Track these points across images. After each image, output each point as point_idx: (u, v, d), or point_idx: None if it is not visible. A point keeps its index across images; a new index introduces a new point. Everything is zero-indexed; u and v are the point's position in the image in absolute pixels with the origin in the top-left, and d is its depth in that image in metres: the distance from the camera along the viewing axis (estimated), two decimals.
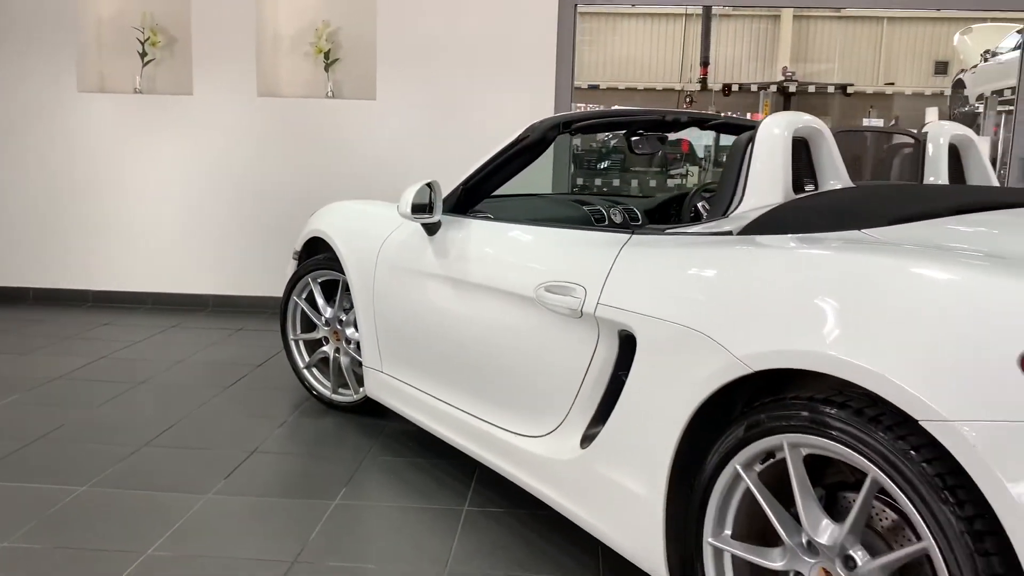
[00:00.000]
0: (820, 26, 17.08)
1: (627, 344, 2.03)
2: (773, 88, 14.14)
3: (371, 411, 3.46)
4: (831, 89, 14.03)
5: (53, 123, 5.58)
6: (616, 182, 8.27)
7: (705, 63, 13.34)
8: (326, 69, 5.60)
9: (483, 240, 2.63)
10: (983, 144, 2.61)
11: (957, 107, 9.93)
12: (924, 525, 1.36)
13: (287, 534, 2.45)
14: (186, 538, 2.41)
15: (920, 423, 1.36)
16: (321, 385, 3.62)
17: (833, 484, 1.65)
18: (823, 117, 11.30)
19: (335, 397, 3.56)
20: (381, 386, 3.12)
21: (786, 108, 13.45)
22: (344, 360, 3.48)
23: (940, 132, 2.52)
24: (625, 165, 8.57)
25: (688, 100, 15.23)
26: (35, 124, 5.59)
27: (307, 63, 5.69)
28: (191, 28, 5.48)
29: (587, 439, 2.15)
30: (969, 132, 2.57)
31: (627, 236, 2.15)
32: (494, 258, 2.55)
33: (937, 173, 2.49)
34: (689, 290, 1.86)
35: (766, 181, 2.09)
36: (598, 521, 2.09)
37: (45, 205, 5.66)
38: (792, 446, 1.59)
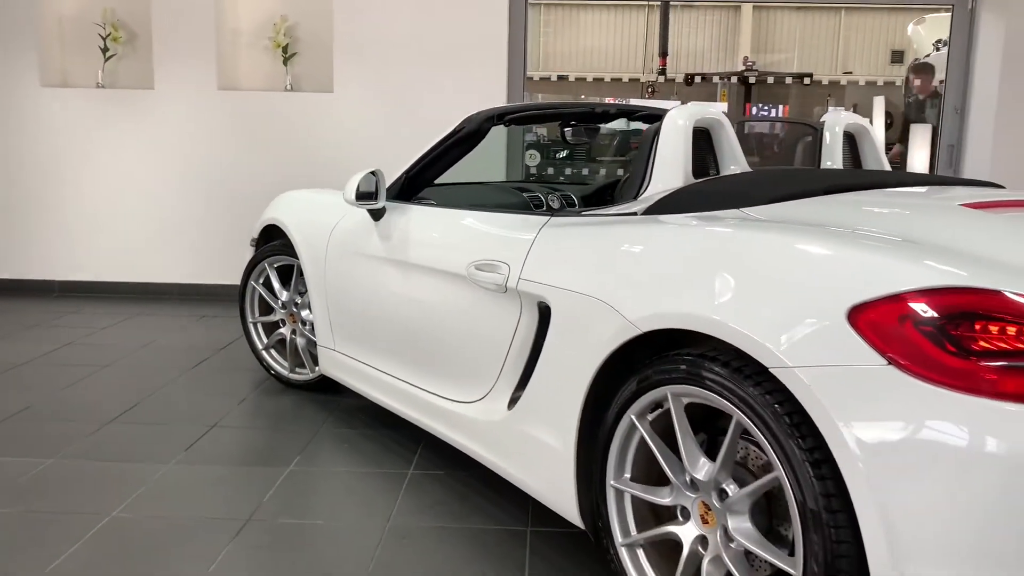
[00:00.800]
0: (780, 16, 17.37)
1: (545, 314, 2.25)
2: (734, 79, 14.39)
3: (326, 388, 3.67)
4: (788, 80, 14.30)
5: (16, 117, 5.71)
6: (585, 171, 8.48)
7: (664, 54, 13.56)
8: (284, 63, 5.77)
9: (423, 224, 2.85)
10: (879, 132, 2.87)
11: (912, 95, 10.25)
12: (776, 457, 1.61)
13: (243, 497, 2.66)
14: (147, 502, 2.61)
15: (770, 370, 1.60)
16: (279, 365, 3.82)
17: (716, 430, 1.89)
18: (781, 105, 11.52)
19: (292, 376, 3.76)
20: (334, 363, 3.33)
21: (747, 98, 13.73)
22: (300, 341, 3.68)
23: (836, 121, 2.77)
24: (591, 155, 8.82)
25: (650, 90, 15.51)
26: None
27: (266, 57, 5.86)
28: (151, 24, 5.62)
29: (513, 402, 2.37)
30: (863, 121, 2.82)
31: (546, 219, 2.38)
32: (432, 241, 2.77)
33: (833, 158, 2.75)
34: (593, 264, 2.09)
35: (670, 167, 2.33)
36: (522, 474, 2.32)
37: (9, 197, 5.79)
38: (674, 396, 1.82)
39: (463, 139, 2.93)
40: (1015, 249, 1.67)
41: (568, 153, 8.77)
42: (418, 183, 3.08)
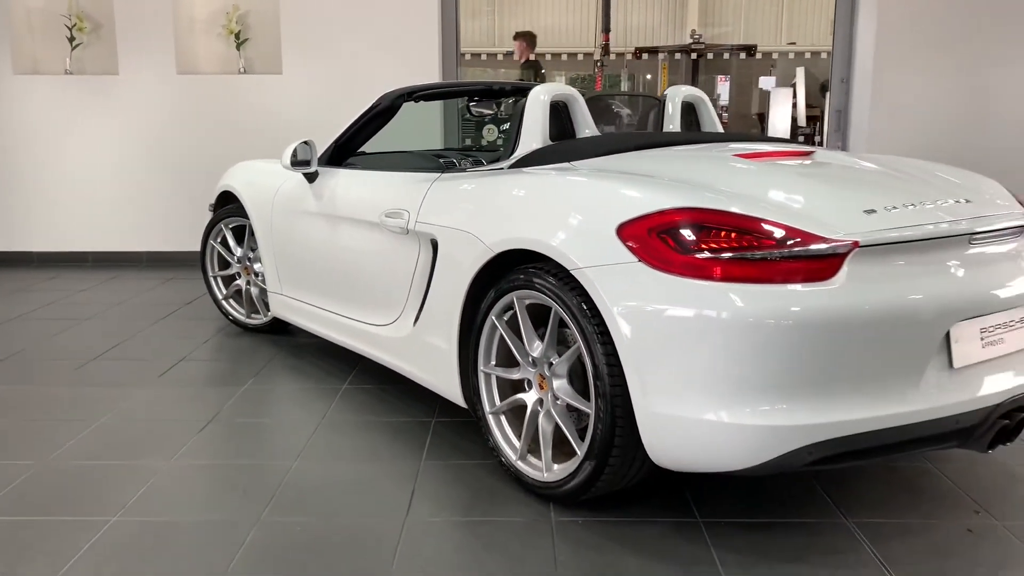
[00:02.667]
0: None
1: (435, 248, 2.91)
2: (679, 54, 15.01)
3: (278, 331, 4.31)
4: (726, 55, 14.93)
5: None
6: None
7: (606, 30, 14.19)
8: (237, 48, 6.34)
9: (347, 184, 3.49)
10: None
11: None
12: (578, 334, 2.29)
13: (205, 406, 3.32)
14: (125, 412, 3.26)
15: (570, 271, 2.28)
16: (237, 312, 4.46)
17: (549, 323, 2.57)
18: (724, 76, 12.33)
19: (249, 321, 4.40)
20: (281, 305, 3.98)
21: (694, 71, 14.38)
22: (254, 290, 4.32)
23: (676, 94, 3.45)
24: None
25: (599, 65, 16.12)
26: None
27: (220, 43, 6.42)
28: (114, 14, 6.16)
29: (416, 319, 3.04)
30: (700, 92, 3.50)
31: (437, 175, 3.04)
32: (354, 197, 3.41)
33: (674, 124, 3.43)
34: (466, 207, 2.76)
35: (532, 133, 2.98)
36: (424, 373, 3.00)
37: None
38: (519, 299, 2.50)
39: (379, 114, 3.57)
40: (751, 184, 2.36)
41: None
42: (345, 151, 3.71)
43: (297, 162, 3.57)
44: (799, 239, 2.07)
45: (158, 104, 6.23)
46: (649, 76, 15.18)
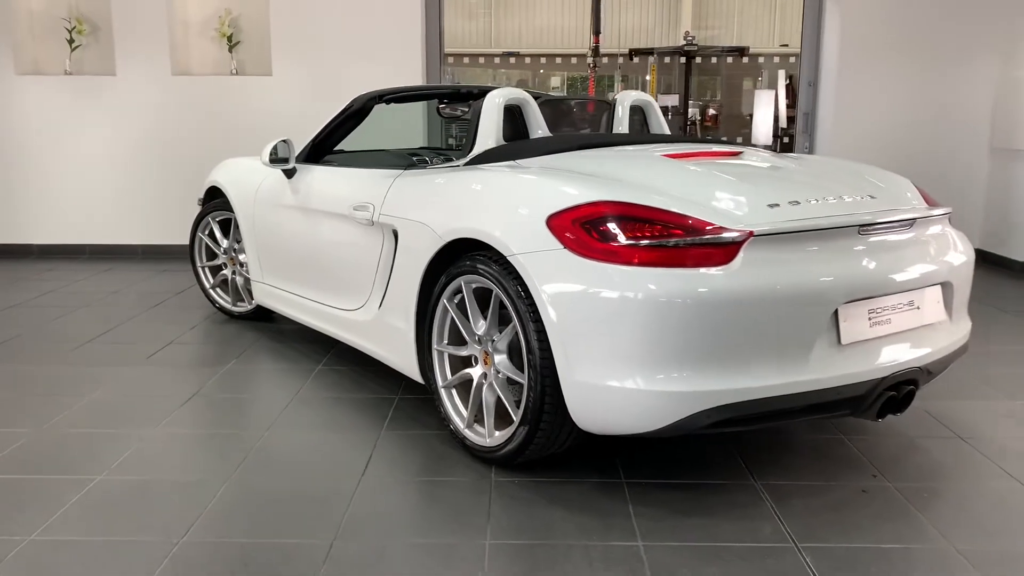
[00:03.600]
0: None
1: (396, 238, 3.19)
2: (667, 57, 15.27)
3: (262, 318, 4.59)
4: (713, 59, 15.17)
5: None
6: None
7: (597, 32, 14.46)
8: (230, 50, 6.62)
9: (322, 180, 3.77)
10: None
11: None
12: (514, 313, 2.57)
13: (191, 382, 3.60)
14: (115, 388, 3.54)
15: (508, 257, 2.56)
16: (223, 300, 4.74)
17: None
18: (714, 78, 12.65)
19: (234, 308, 4.69)
20: (263, 293, 4.26)
21: (687, 72, 14.65)
22: (239, 279, 4.60)
23: (626, 98, 3.73)
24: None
25: (592, 67, 16.40)
26: None
27: (213, 45, 6.71)
28: (112, 17, 6.45)
29: (381, 304, 3.32)
30: (648, 96, 3.78)
31: (400, 172, 3.32)
32: (327, 191, 3.69)
33: (622, 127, 3.71)
34: (422, 200, 3.04)
35: (487, 133, 3.26)
36: (387, 352, 3.28)
37: None
38: (466, 283, 2.78)
39: (352, 115, 3.85)
40: (670, 180, 2.64)
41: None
42: (322, 149, 3.99)
43: (275, 159, 3.85)
44: (702, 229, 2.35)
45: (153, 104, 6.51)
46: (648, 77, 15.41)
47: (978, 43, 6.41)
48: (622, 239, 2.37)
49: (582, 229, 2.42)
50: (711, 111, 15.03)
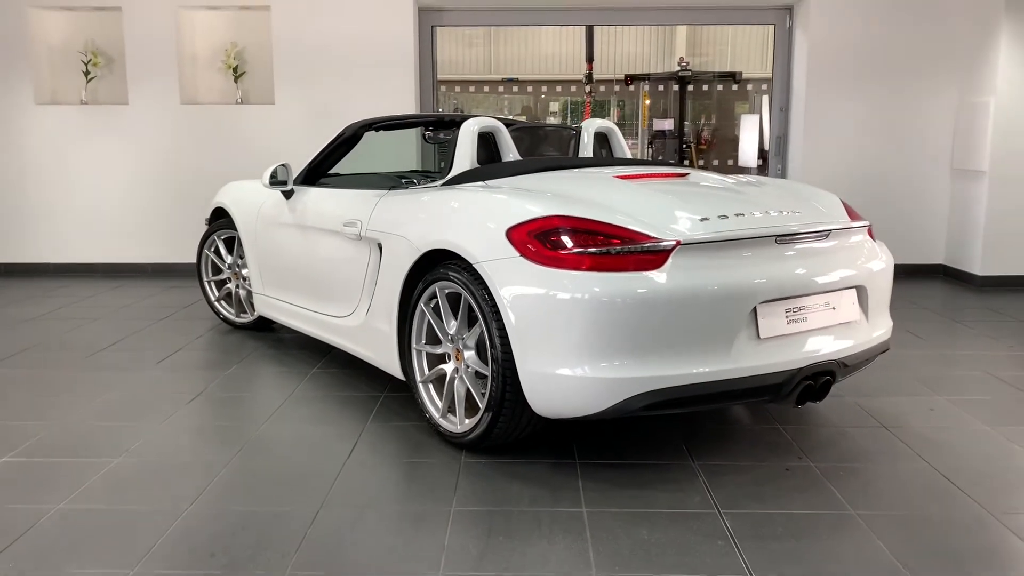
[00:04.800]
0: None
1: (381, 251, 3.57)
2: (665, 81, 15.73)
3: (263, 328, 4.97)
4: (708, 84, 15.62)
5: (15, 130, 6.97)
6: None
7: (590, 59, 14.94)
8: (235, 81, 7.06)
9: (316, 200, 4.16)
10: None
11: None
12: (480, 314, 2.94)
13: (195, 384, 3.97)
14: (127, 389, 3.91)
15: (474, 265, 2.93)
16: (227, 312, 5.12)
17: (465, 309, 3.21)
18: (709, 103, 13.15)
19: (237, 320, 5.07)
20: (264, 304, 4.64)
21: (682, 96, 15.11)
22: (242, 292, 4.99)
23: (591, 125, 4.13)
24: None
25: (588, 92, 16.87)
26: (2, 130, 6.96)
27: (220, 76, 7.14)
28: (125, 50, 6.89)
29: (368, 309, 3.69)
30: (611, 124, 4.17)
31: (385, 192, 3.70)
32: (321, 210, 4.08)
33: (587, 151, 4.10)
34: (402, 216, 3.42)
35: (463, 157, 3.65)
36: (373, 354, 3.65)
37: (11, 195, 7.04)
38: (440, 289, 3.15)
39: (344, 141, 4.25)
40: (616, 198, 3.01)
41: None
42: (317, 172, 4.39)
43: (275, 181, 4.25)
44: (637, 239, 2.73)
45: (163, 131, 6.94)
46: (648, 102, 15.86)
47: (939, 70, 6.81)
48: (570, 248, 2.75)
49: (537, 240, 2.80)
50: (705, 135, 15.47)
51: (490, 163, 3.72)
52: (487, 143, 3.76)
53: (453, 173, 3.62)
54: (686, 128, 15.37)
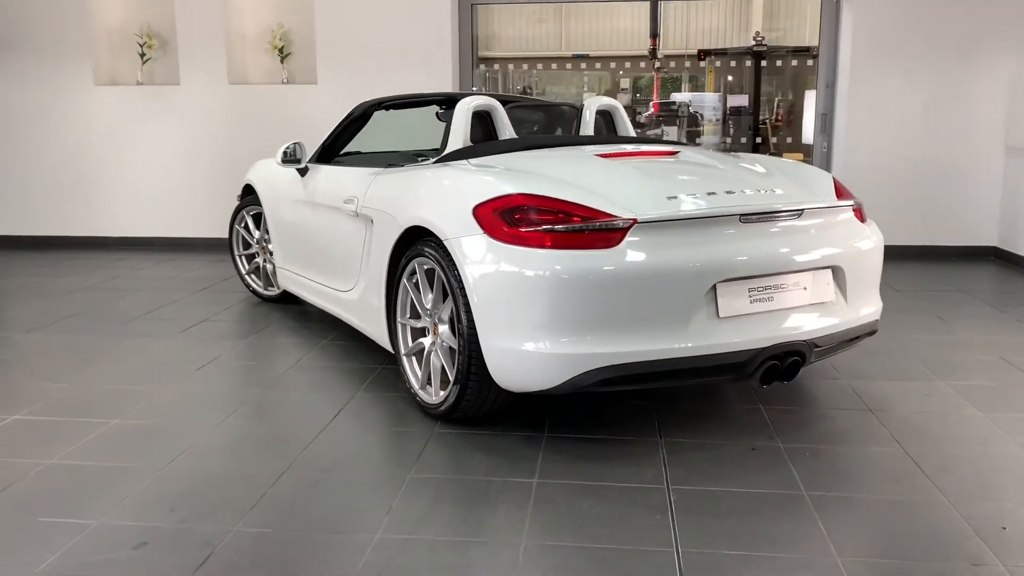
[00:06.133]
0: None
1: (373, 227, 3.68)
2: (739, 56, 15.41)
3: (289, 300, 5.17)
4: (780, 59, 15.22)
5: (76, 109, 7.35)
6: None
7: (654, 35, 14.72)
8: (281, 61, 7.27)
9: (325, 177, 4.30)
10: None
11: None
12: (451, 289, 3.02)
13: (211, 351, 4.18)
14: (149, 356, 4.14)
15: (444, 241, 3.01)
16: (256, 285, 5.34)
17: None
18: (784, 78, 12.92)
19: (265, 292, 5.28)
20: (283, 277, 4.82)
21: (756, 73, 14.78)
22: (268, 266, 5.18)
23: (592, 103, 4.14)
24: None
25: (656, 68, 16.64)
26: (64, 111, 7.36)
27: (267, 56, 7.37)
28: (176, 32, 7.18)
29: (366, 284, 3.81)
30: (614, 101, 4.17)
31: (381, 170, 3.80)
32: (327, 187, 4.21)
33: (588, 129, 4.11)
34: (390, 193, 3.52)
35: (457, 135, 3.72)
36: (368, 326, 3.77)
37: (73, 172, 7.45)
38: (419, 265, 3.24)
39: (354, 120, 4.37)
40: (589, 176, 3.04)
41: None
42: (331, 151, 4.53)
43: (287, 160, 4.40)
44: (596, 217, 2.76)
45: (212, 110, 7.21)
46: (729, 77, 15.57)
47: (991, 43, 6.52)
48: (531, 226, 2.80)
49: (500, 217, 2.86)
50: (780, 111, 15.11)
51: (485, 142, 3.78)
52: (484, 122, 3.82)
53: (447, 151, 3.69)
54: (762, 104, 15.03)
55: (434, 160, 3.64)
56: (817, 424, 3.20)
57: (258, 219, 5.24)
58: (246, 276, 5.39)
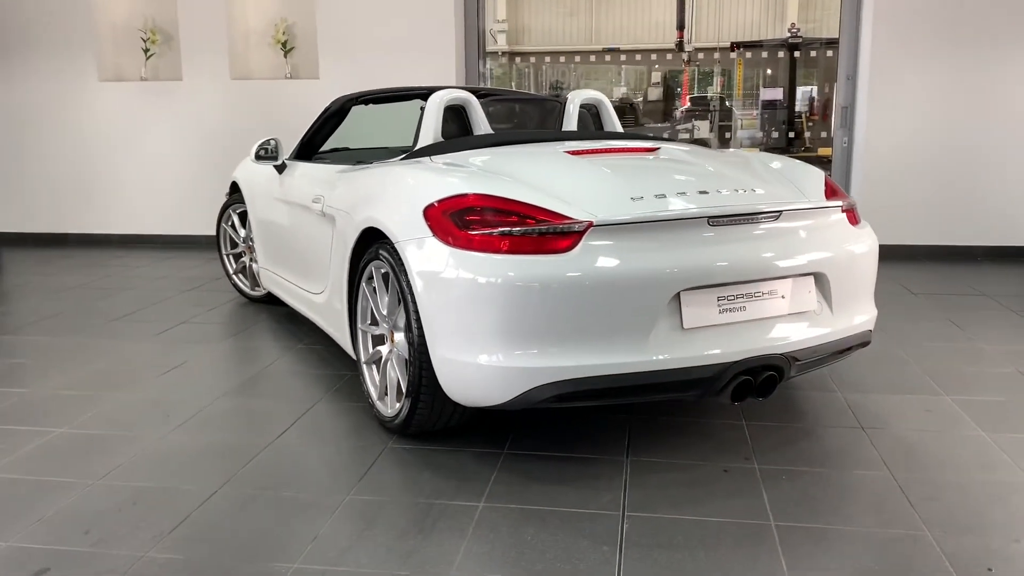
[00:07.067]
0: None
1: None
2: (773, 51, 15.02)
3: (276, 301, 5.00)
4: (820, 52, 14.81)
5: (81, 105, 7.29)
6: None
7: (680, 27, 14.41)
8: (285, 56, 7.14)
9: (300, 175, 4.13)
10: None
11: None
12: (402, 295, 2.82)
13: (180, 356, 4.03)
14: (116, 360, 4.01)
15: (394, 244, 2.82)
16: (243, 285, 5.20)
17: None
18: (819, 71, 12.58)
19: (252, 293, 5.14)
20: (265, 278, 4.67)
21: (791, 65, 14.40)
22: (255, 266, 5.04)
23: (576, 97, 3.91)
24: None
25: (686, 61, 16.35)
26: (68, 106, 7.31)
27: (270, 51, 7.24)
28: (179, 28, 7.08)
29: (329, 287, 3.64)
30: (600, 95, 3.94)
31: (347, 167, 3.62)
32: (299, 185, 4.04)
33: (571, 124, 3.89)
34: (351, 192, 3.34)
35: (428, 131, 3.53)
36: (333, 330, 3.60)
37: (76, 168, 7.40)
38: (375, 268, 3.05)
39: (332, 116, 4.20)
40: (551, 175, 2.83)
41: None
42: (309, 147, 4.36)
43: (260, 156, 4.24)
44: (550, 219, 2.55)
45: (214, 106, 7.11)
46: (765, 70, 15.22)
47: (1020, 30, 6.16)
48: (482, 228, 2.59)
49: (449, 219, 2.66)
50: (816, 104, 14.68)
51: (459, 137, 3.58)
52: (459, 117, 3.62)
53: (417, 148, 3.50)
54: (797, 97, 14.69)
55: (401, 157, 3.45)
56: (801, 443, 2.95)
57: (244, 217, 5.09)
58: (233, 276, 5.25)
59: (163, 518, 2.44)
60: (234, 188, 5.17)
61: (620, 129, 3.98)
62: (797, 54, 14.70)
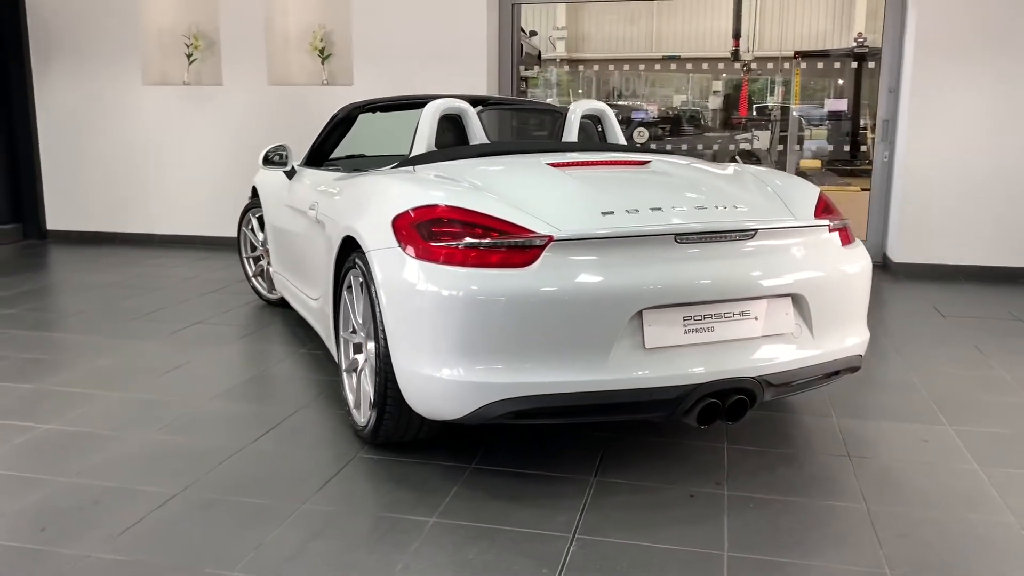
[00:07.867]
0: None
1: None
2: (839, 61, 14.70)
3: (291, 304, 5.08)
4: (871, 63, 14.45)
5: (126, 109, 7.51)
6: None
7: (736, 36, 14.17)
8: (322, 62, 7.24)
9: (303, 181, 4.17)
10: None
11: None
12: (370, 300, 2.81)
13: (185, 356, 4.10)
14: (124, 358, 4.10)
15: (365, 253, 2.81)
16: (261, 288, 5.27)
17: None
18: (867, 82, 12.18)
19: (269, 296, 5.20)
20: (278, 282, 4.73)
21: (857, 75, 14.05)
22: (270, 269, 5.11)
23: (577, 107, 3.86)
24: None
25: (745, 70, 16.05)
26: (114, 110, 7.53)
27: (308, 57, 7.35)
28: (220, 34, 7.23)
29: (322, 294, 3.65)
30: (603, 105, 3.88)
31: (338, 175, 3.64)
32: (302, 191, 4.08)
33: (571, 135, 3.84)
34: (338, 200, 3.35)
35: (422, 140, 3.53)
36: (325, 335, 3.61)
37: (120, 170, 7.62)
38: (353, 276, 3.06)
39: (339, 123, 4.23)
40: (523, 188, 2.79)
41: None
42: (319, 154, 4.40)
43: (268, 162, 4.30)
44: (513, 233, 2.51)
45: (252, 111, 7.24)
46: (830, 80, 14.91)
47: None
48: (444, 240, 2.57)
49: (415, 230, 2.64)
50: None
51: (450, 147, 3.57)
52: (455, 126, 3.61)
53: (407, 157, 3.50)
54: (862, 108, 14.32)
55: (392, 166, 3.45)
56: (780, 469, 2.85)
57: (263, 221, 5.16)
58: (252, 279, 5.33)
59: (119, 519, 2.47)
60: (255, 192, 5.25)
61: (622, 141, 3.91)
62: (867, 65, 14.32)
